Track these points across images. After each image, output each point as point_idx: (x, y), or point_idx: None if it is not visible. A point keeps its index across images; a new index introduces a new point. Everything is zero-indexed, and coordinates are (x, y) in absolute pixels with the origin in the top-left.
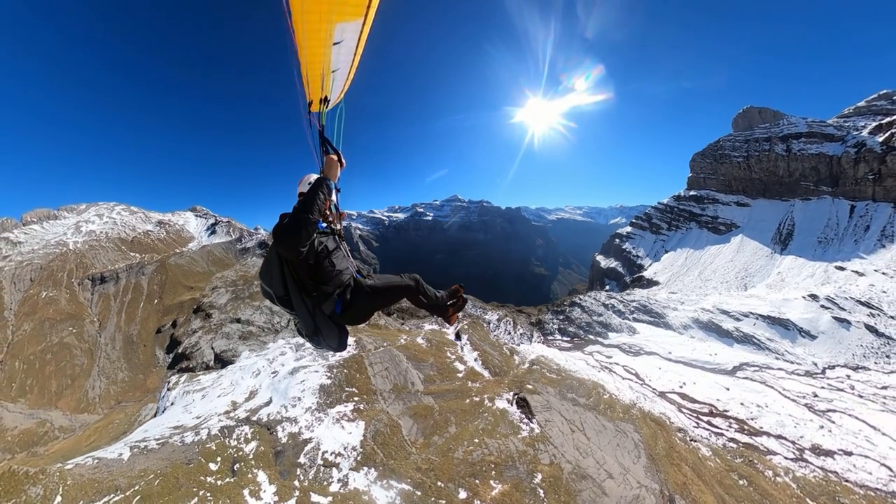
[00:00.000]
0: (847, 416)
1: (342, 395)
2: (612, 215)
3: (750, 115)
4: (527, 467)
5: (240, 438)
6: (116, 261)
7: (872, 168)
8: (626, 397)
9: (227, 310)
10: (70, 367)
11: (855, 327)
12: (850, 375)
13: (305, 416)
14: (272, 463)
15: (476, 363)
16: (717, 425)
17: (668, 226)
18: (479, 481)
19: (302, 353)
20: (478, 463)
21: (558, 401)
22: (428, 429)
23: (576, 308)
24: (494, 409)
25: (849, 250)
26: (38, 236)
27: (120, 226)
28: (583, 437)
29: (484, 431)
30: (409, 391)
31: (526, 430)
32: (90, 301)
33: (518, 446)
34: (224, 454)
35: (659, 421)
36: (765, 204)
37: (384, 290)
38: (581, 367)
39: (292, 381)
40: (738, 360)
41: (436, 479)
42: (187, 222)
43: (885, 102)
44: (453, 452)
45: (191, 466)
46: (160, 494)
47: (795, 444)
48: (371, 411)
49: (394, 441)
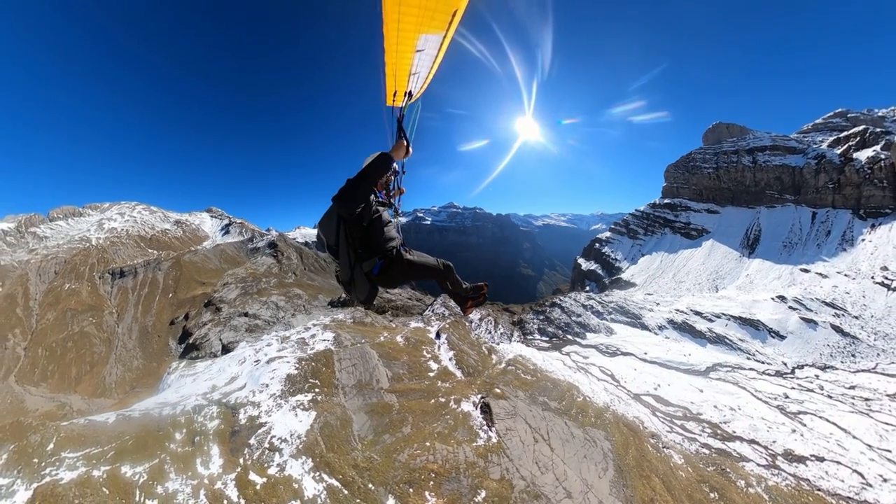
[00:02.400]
0: (818, 419)
1: (305, 385)
2: (593, 222)
3: (718, 131)
4: (471, 482)
5: (206, 416)
6: (135, 257)
7: (832, 178)
8: (600, 400)
9: (235, 304)
10: (89, 355)
11: (822, 327)
12: (818, 375)
13: (268, 401)
14: (227, 440)
15: (450, 363)
16: (690, 430)
17: (645, 231)
18: (412, 490)
19: (284, 346)
20: (418, 470)
21: (527, 406)
22: (381, 427)
23: (556, 308)
24: (458, 412)
25: (812, 254)
26: (63, 232)
27: (140, 224)
28: (546, 447)
29: (439, 436)
30: (373, 388)
31: (483, 438)
32: (110, 294)
33: (469, 456)
34: (190, 427)
35: (632, 426)
36: (733, 211)
37: (420, 266)
38: (558, 367)
39: (266, 370)
40: (712, 361)
41: (369, 480)
42: (203, 222)
43: (841, 120)
44: (398, 454)
45: (160, 434)
46: (130, 452)
47: (768, 449)
48: (327, 404)
49: (341, 435)
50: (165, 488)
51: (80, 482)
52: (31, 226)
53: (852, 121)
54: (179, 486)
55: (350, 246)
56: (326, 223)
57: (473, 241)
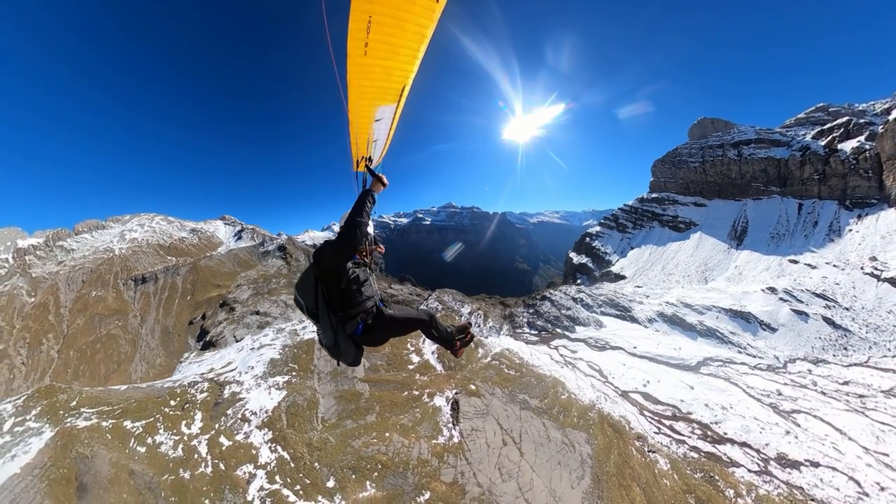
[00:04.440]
0: (812, 418)
1: (284, 368)
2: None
3: (704, 126)
4: (418, 480)
5: (198, 389)
6: (155, 264)
7: (817, 169)
8: (585, 397)
9: (248, 304)
10: (116, 355)
11: (813, 319)
12: (811, 370)
13: (250, 380)
14: (210, 409)
15: (432, 356)
16: (679, 431)
17: (633, 225)
18: (354, 477)
19: (277, 336)
20: (367, 459)
21: (502, 405)
22: (346, 412)
23: (546, 302)
24: (428, 406)
25: (800, 245)
26: (88, 244)
27: (159, 233)
28: (515, 452)
29: (401, 428)
30: (347, 376)
31: (445, 436)
32: (133, 298)
33: (423, 453)
34: (183, 397)
35: (617, 427)
36: (720, 204)
37: (402, 321)
38: (545, 361)
39: (255, 355)
40: (702, 355)
41: (317, 459)
42: (217, 229)
43: (823, 114)
44: (353, 440)
45: (158, 400)
46: (132, 411)
47: (760, 452)
48: (299, 386)
49: (305, 415)
50: (154, 440)
51: (91, 428)
52: (58, 240)
53: (833, 114)
54: (165, 439)
55: (330, 309)
56: (303, 285)
57: (471, 238)
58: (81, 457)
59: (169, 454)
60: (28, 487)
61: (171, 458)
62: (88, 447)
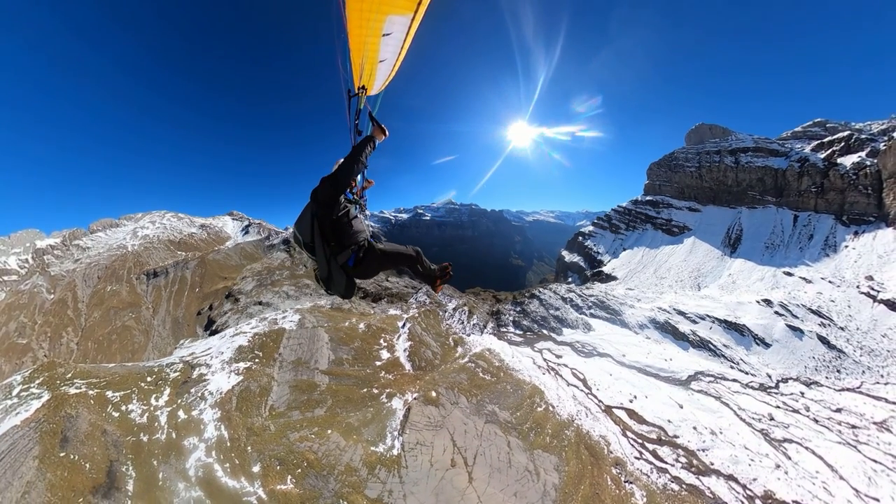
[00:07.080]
0: (804, 450)
1: (249, 355)
2: (578, 218)
3: (701, 131)
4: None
5: (172, 369)
6: (166, 259)
7: (815, 181)
8: (564, 411)
9: (252, 294)
10: (130, 345)
11: (808, 337)
12: (804, 392)
13: (217, 364)
14: (178, 386)
15: (403, 354)
16: (662, 457)
17: (627, 226)
18: (279, 468)
19: (257, 325)
20: (297, 453)
21: (464, 416)
22: (296, 403)
23: (534, 300)
24: (382, 407)
25: (795, 257)
26: (102, 242)
27: (169, 230)
28: (463, 477)
29: (346, 427)
30: (309, 367)
31: (387, 444)
32: (146, 292)
33: (354, 461)
34: (159, 374)
35: (594, 450)
36: (714, 210)
37: (392, 254)
38: (526, 365)
39: (228, 341)
40: (694, 368)
41: (251, 443)
42: (225, 225)
43: (819, 129)
44: (291, 432)
45: (137, 376)
46: (116, 383)
47: (746, 489)
48: (257, 373)
49: (254, 400)
50: (127, 407)
51: (79, 395)
52: (74, 239)
53: (830, 130)
54: (135, 408)
55: (325, 241)
56: (302, 221)
57: (469, 234)
58: (68, 416)
59: (136, 420)
60: (24, 436)
61: (137, 423)
62: (74, 409)
